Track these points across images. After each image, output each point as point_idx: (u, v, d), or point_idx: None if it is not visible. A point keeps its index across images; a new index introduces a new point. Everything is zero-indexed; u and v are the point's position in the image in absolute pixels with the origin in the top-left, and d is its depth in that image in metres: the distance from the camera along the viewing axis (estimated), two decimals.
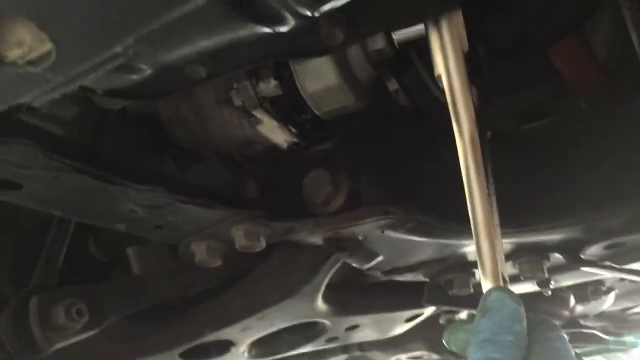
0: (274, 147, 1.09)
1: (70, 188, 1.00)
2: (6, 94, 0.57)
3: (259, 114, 0.99)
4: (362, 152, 1.23)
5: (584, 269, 1.27)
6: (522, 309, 0.70)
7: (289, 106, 1.01)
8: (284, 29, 0.73)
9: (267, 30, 0.73)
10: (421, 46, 1.04)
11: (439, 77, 0.87)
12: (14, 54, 0.52)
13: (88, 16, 0.48)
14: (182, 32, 0.60)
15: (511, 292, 0.73)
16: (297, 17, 0.71)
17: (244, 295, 1.37)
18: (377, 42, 0.94)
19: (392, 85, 1.12)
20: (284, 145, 1.08)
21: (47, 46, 0.51)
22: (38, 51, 0.52)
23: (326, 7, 0.71)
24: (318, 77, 0.94)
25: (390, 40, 0.94)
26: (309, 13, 0.71)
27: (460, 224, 1.15)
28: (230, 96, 0.99)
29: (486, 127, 1.25)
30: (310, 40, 0.80)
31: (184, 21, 0.49)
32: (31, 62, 0.52)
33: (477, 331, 0.69)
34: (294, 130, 1.05)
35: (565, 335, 0.73)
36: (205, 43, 0.73)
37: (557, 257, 1.26)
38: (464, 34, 0.85)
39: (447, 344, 0.80)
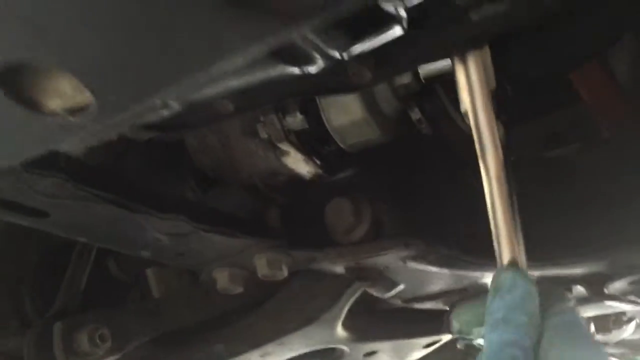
0: (298, 178, 1.10)
1: (96, 216, 1.01)
2: (45, 141, 0.58)
3: (284, 146, 1.00)
4: (384, 180, 1.23)
5: (607, 302, 1.26)
6: (534, 288, 0.69)
7: (314, 139, 1.02)
8: (313, 69, 0.74)
9: (296, 70, 0.74)
10: (446, 78, 1.05)
11: (466, 113, 0.87)
12: (54, 103, 0.53)
13: (129, 71, 0.49)
14: (216, 79, 0.61)
15: (523, 271, 0.72)
16: (326, 58, 0.72)
17: (264, 321, 1.37)
18: (404, 77, 0.94)
19: (415, 115, 1.12)
20: (308, 176, 1.09)
21: (88, 97, 0.52)
22: (78, 102, 0.53)
23: (356, 50, 0.72)
24: (344, 111, 0.95)
25: (416, 74, 0.94)
26: (338, 55, 0.72)
27: (483, 257, 1.15)
28: (257, 128, 1.00)
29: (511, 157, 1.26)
30: (338, 79, 0.81)
31: (222, 72, 0.50)
32: (71, 112, 0.53)
33: (490, 311, 0.68)
34: (318, 162, 1.06)
35: (575, 307, 0.73)
36: (237, 83, 0.74)
37: (579, 289, 1.25)
38: (491, 71, 0.85)
39: (451, 325, 0.79)
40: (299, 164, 1.05)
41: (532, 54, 1.07)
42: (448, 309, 1.44)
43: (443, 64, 0.93)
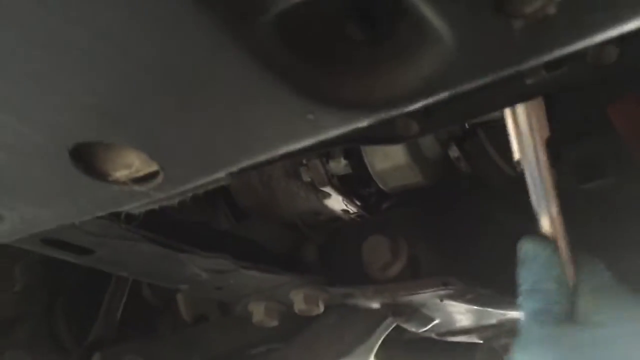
0: (337, 217, 1.11)
1: (140, 254, 1.03)
2: (108, 205, 0.59)
3: (327, 189, 1.01)
4: (420, 219, 1.23)
5: None
6: (556, 255, 0.69)
7: (356, 181, 1.03)
8: (362, 125, 0.75)
9: (347, 128, 0.75)
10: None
11: (518, 162, 0.86)
12: (121, 174, 0.55)
13: (196, 151, 0.50)
14: None
15: (544, 238, 0.72)
16: (376, 117, 0.73)
17: (298, 352, 1.37)
18: None
19: (454, 153, 1.12)
20: (348, 217, 1.10)
21: (154, 168, 0.53)
22: (145, 171, 0.54)
23: (406, 110, 0.72)
24: (388, 157, 0.96)
25: None
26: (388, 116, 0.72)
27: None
28: (300, 171, 1.01)
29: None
30: (385, 131, 0.82)
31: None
32: (137, 181, 0.55)
33: (519, 283, 0.68)
34: (358, 203, 1.06)
35: (604, 267, 0.73)
36: (293, 148, 0.75)
37: None
38: (544, 119, 0.84)
39: None
40: (339, 205, 1.06)
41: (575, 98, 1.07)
42: (482, 342, 1.44)
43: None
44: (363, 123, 0.45)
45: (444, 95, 0.42)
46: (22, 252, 1.63)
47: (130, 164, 0.54)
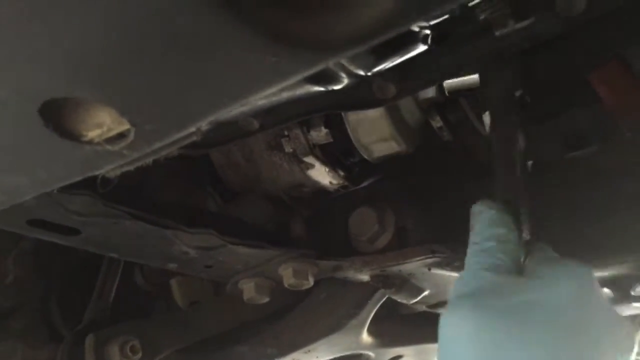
0: (322, 189, 1.11)
1: (126, 233, 1.03)
2: (83, 168, 0.59)
3: (309, 160, 1.01)
4: (407, 188, 1.24)
5: (634, 304, 1.25)
6: (505, 214, 0.71)
7: (338, 151, 1.03)
8: (337, 87, 0.75)
9: (321, 89, 0.75)
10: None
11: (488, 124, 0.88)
12: (93, 133, 0.55)
13: (167, 104, 0.50)
14: (247, 103, 0.62)
15: (491, 201, 0.75)
16: (352, 76, 0.73)
17: (290, 329, 1.38)
18: (428, 91, 0.95)
19: (436, 123, 1.13)
20: (332, 187, 1.10)
21: (126, 126, 0.54)
22: (116, 131, 0.54)
23: (380, 67, 0.73)
24: (372, 129, 0.96)
25: (441, 88, 0.95)
26: (363, 73, 0.73)
27: None
28: (282, 143, 1.01)
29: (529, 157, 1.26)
30: (362, 94, 0.82)
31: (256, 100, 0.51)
32: (109, 141, 0.55)
33: (469, 242, 0.72)
34: (342, 173, 1.07)
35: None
36: (263, 103, 0.75)
37: (606, 291, 1.25)
38: (514, 82, 0.85)
39: None
40: (323, 176, 1.06)
41: (551, 56, 1.07)
42: None
43: (469, 78, 0.94)
44: (327, 63, 0.45)
45: (403, 28, 0.43)
46: (13, 243, 1.64)
47: (102, 123, 0.54)
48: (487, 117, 0.87)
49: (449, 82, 0.94)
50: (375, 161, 1.03)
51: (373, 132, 0.97)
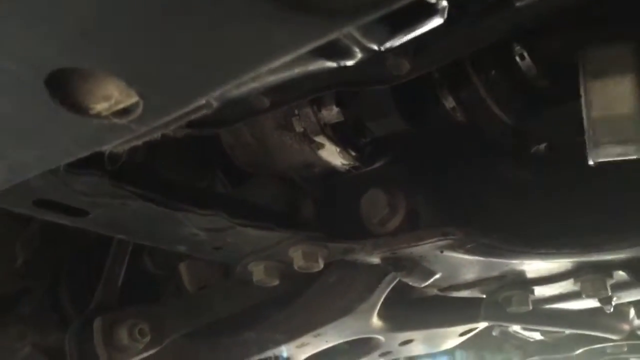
0: (333, 170, 1.10)
1: (135, 214, 1.02)
2: (91, 143, 0.58)
3: (320, 139, 0.99)
4: (418, 171, 1.22)
5: None
6: None
7: (349, 131, 1.02)
8: (350, 62, 0.73)
9: (333, 64, 0.73)
10: (477, 61, 1.03)
11: None
12: (100, 106, 0.53)
13: (176, 74, 0.49)
14: (257, 77, 0.60)
15: None
16: (365, 51, 0.71)
17: (301, 313, 1.38)
18: None
19: (449, 103, 1.11)
20: (343, 168, 1.08)
21: (134, 99, 0.52)
22: (124, 104, 0.53)
23: (394, 40, 0.70)
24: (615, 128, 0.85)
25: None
26: (376, 47, 0.70)
27: (520, 244, 1.14)
28: (292, 122, 0.99)
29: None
30: (375, 70, 0.80)
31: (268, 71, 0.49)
32: (117, 114, 0.53)
33: None
34: (353, 153, 1.05)
35: None
36: (274, 79, 0.73)
37: (620, 274, 1.23)
38: None
39: None
40: (334, 156, 1.04)
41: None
42: (485, 297, 1.43)
43: None
44: (340, 32, 0.43)
45: None
46: (21, 226, 1.64)
47: (109, 95, 0.52)
48: None
49: None
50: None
51: (618, 132, 0.83)
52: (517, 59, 1.05)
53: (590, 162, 0.91)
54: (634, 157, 0.87)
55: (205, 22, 0.45)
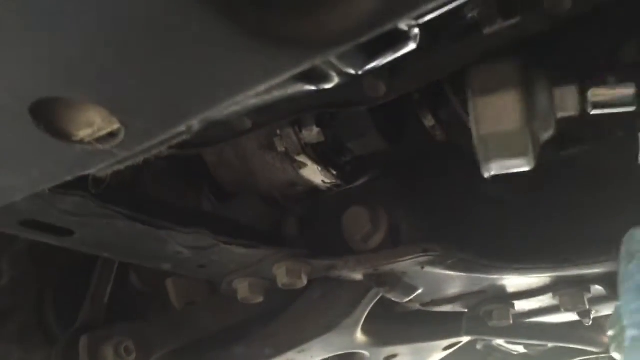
0: (315, 188, 1.12)
1: (119, 233, 1.03)
2: (74, 167, 0.60)
3: (301, 159, 1.02)
4: (399, 188, 1.25)
5: None
6: None
7: (330, 150, 1.04)
8: (328, 86, 0.76)
9: (312, 88, 0.76)
10: (456, 81, 1.06)
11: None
12: (83, 133, 0.55)
13: (157, 102, 0.51)
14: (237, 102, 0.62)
15: None
16: (342, 75, 0.73)
17: (285, 329, 1.39)
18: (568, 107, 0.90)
19: (429, 122, 1.13)
20: (325, 186, 1.11)
21: (116, 125, 0.54)
22: (107, 130, 0.55)
23: (370, 66, 0.73)
24: (505, 144, 0.86)
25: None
26: (353, 72, 0.73)
27: (500, 260, 1.16)
28: (274, 142, 1.02)
29: None
30: (353, 93, 0.83)
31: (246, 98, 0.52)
32: (99, 140, 0.55)
33: (628, 277, 0.63)
34: (334, 172, 1.07)
35: None
36: (255, 102, 0.76)
37: (598, 288, 1.25)
38: None
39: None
40: (315, 175, 1.07)
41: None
42: (466, 311, 1.45)
43: None
44: (315, 61, 0.46)
45: (390, 26, 0.43)
46: (6, 244, 1.64)
47: (92, 122, 0.54)
48: None
49: None
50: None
51: (506, 147, 0.84)
52: None
53: (485, 175, 0.93)
54: (526, 169, 0.89)
55: (184, 54, 0.47)
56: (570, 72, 0.86)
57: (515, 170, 0.90)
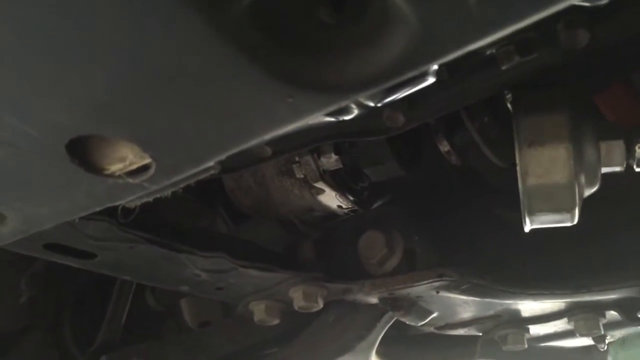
0: (332, 213, 1.13)
1: (139, 256, 1.05)
2: (105, 199, 0.62)
3: (319, 185, 1.03)
4: (415, 212, 1.26)
5: None
6: None
7: (348, 176, 1.06)
8: (348, 117, 0.78)
9: (332, 119, 0.78)
10: (472, 107, 1.07)
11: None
12: (115, 167, 0.58)
13: (187, 141, 0.53)
14: None
15: None
16: (361, 107, 0.75)
17: (299, 352, 1.39)
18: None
19: (444, 147, 1.15)
20: (342, 211, 1.12)
21: (147, 160, 0.56)
22: (138, 165, 0.57)
23: (389, 99, 0.75)
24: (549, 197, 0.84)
25: None
26: (372, 105, 0.75)
27: (515, 285, 1.17)
28: (292, 169, 1.03)
29: None
30: (372, 123, 0.85)
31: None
32: (130, 174, 0.57)
33: None
34: (351, 198, 1.09)
35: None
36: (276, 133, 0.78)
37: (613, 314, 1.26)
38: None
39: None
40: (333, 200, 1.08)
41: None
42: (481, 334, 1.45)
43: None
44: (340, 104, 0.47)
45: (413, 73, 0.45)
46: (26, 264, 1.66)
47: (124, 157, 0.56)
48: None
49: None
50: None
51: (553, 201, 0.82)
52: (509, 105, 1.10)
53: (526, 229, 0.91)
54: (568, 225, 0.87)
55: (216, 97, 0.49)
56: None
57: (556, 225, 0.88)
